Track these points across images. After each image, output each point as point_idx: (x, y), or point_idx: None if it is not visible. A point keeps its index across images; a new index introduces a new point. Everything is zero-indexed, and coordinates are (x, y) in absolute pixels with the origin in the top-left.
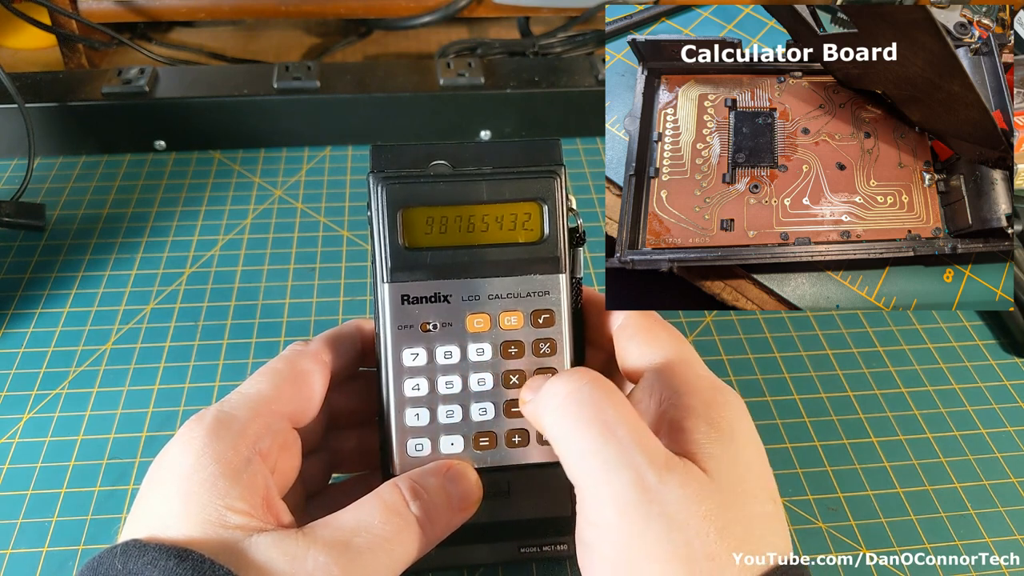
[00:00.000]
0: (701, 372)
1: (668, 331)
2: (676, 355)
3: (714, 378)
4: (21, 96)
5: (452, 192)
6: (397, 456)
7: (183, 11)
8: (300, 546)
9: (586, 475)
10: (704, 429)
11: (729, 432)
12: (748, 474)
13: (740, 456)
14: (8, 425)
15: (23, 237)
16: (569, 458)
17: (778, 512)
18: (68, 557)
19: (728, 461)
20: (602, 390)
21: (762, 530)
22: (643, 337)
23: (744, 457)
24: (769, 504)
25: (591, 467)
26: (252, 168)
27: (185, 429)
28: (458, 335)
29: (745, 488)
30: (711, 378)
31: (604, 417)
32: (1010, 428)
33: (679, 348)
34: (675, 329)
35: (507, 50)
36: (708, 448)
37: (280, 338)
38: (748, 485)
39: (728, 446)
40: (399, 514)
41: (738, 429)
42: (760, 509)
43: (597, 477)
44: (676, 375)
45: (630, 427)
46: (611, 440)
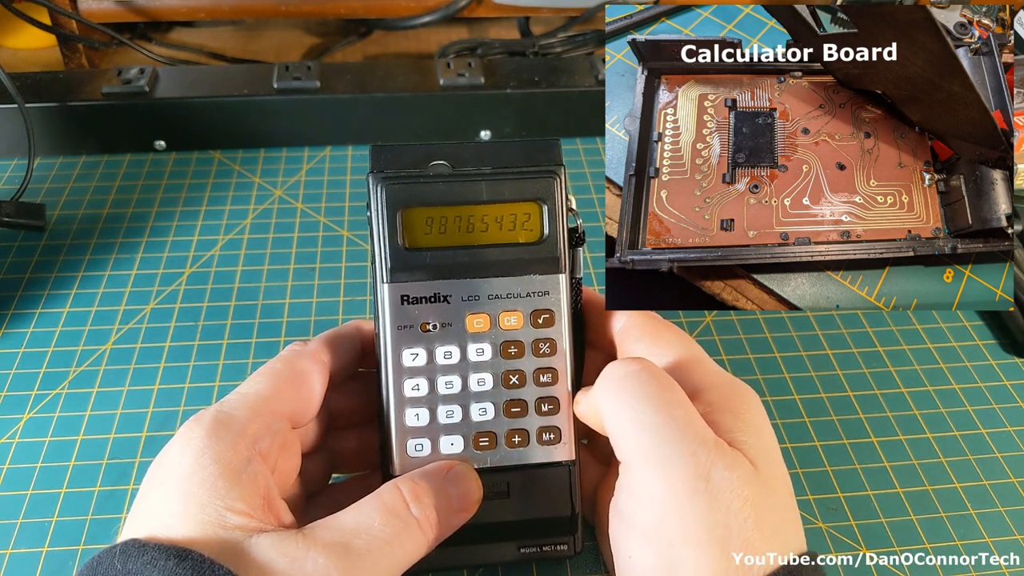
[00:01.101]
0: (714, 369)
1: (674, 331)
2: (687, 354)
3: (728, 374)
4: (21, 96)
5: (452, 192)
6: (397, 456)
7: (183, 11)
8: (300, 547)
9: (639, 446)
10: (733, 421)
11: (755, 425)
12: (777, 468)
13: (769, 449)
14: (8, 425)
15: (23, 237)
16: (623, 430)
17: (795, 505)
18: (68, 557)
19: (762, 452)
20: (659, 374)
21: (791, 524)
22: (651, 338)
23: (771, 451)
24: (790, 498)
25: (645, 440)
26: (252, 168)
27: (184, 429)
28: (458, 335)
29: (777, 482)
30: (725, 374)
31: (663, 396)
32: (1010, 428)
33: (688, 347)
34: (680, 329)
35: (507, 50)
36: (743, 438)
37: (280, 338)
38: (779, 480)
39: (759, 438)
40: (399, 516)
41: (762, 423)
42: (788, 502)
43: (649, 450)
44: (692, 373)
45: (686, 409)
46: (668, 418)
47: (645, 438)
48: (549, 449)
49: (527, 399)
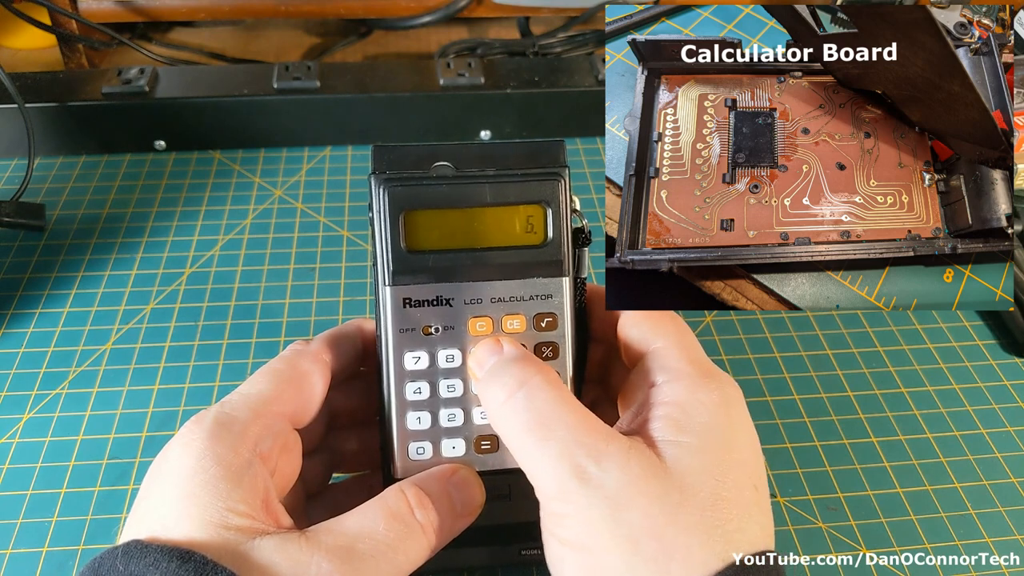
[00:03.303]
0: (695, 356)
1: (672, 319)
2: (675, 341)
3: (709, 364)
4: (21, 96)
5: (455, 194)
6: (398, 459)
7: (183, 11)
8: (303, 551)
9: (533, 476)
10: (675, 415)
11: (704, 417)
12: (721, 459)
13: (712, 441)
14: (8, 425)
15: (23, 237)
16: (519, 462)
17: (758, 499)
18: (68, 557)
19: (694, 447)
20: (538, 393)
21: (730, 516)
22: (647, 324)
23: (718, 442)
24: (747, 491)
25: (536, 468)
26: (252, 168)
27: (185, 430)
28: (460, 338)
29: (714, 473)
30: (704, 363)
31: (541, 420)
32: (1010, 428)
33: (679, 335)
34: (680, 319)
35: (507, 50)
36: (669, 434)
37: (280, 338)
38: (717, 470)
39: (698, 432)
40: (403, 521)
41: (717, 414)
42: (728, 495)
43: (542, 476)
44: (670, 359)
45: (568, 424)
46: (550, 441)
47: (537, 466)
48: None
49: None
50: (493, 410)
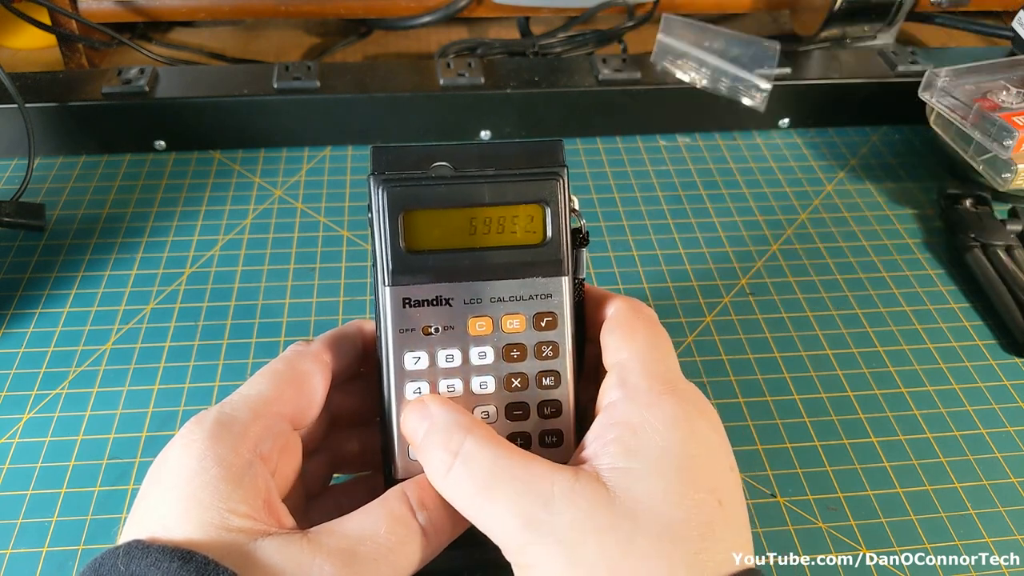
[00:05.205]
0: (657, 370)
1: (647, 325)
2: (640, 352)
3: (672, 376)
4: (21, 96)
5: (454, 194)
6: (399, 460)
7: (183, 11)
8: (305, 552)
9: (493, 536)
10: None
11: (657, 439)
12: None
13: (666, 464)
14: (8, 425)
15: (23, 237)
16: (478, 526)
17: (726, 515)
18: (68, 557)
19: (644, 472)
20: (474, 457)
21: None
22: (621, 332)
23: (672, 463)
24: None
25: (492, 528)
26: (252, 168)
27: (185, 431)
28: (460, 338)
29: (667, 497)
30: (667, 376)
31: (485, 484)
32: (1010, 428)
33: (648, 345)
34: (656, 323)
35: (507, 50)
36: (620, 460)
37: (280, 338)
38: (673, 494)
39: (650, 455)
40: (405, 523)
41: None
42: (687, 516)
43: (500, 534)
44: (631, 373)
45: (510, 478)
46: (498, 501)
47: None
48: (551, 452)
49: (529, 402)
50: (437, 485)
